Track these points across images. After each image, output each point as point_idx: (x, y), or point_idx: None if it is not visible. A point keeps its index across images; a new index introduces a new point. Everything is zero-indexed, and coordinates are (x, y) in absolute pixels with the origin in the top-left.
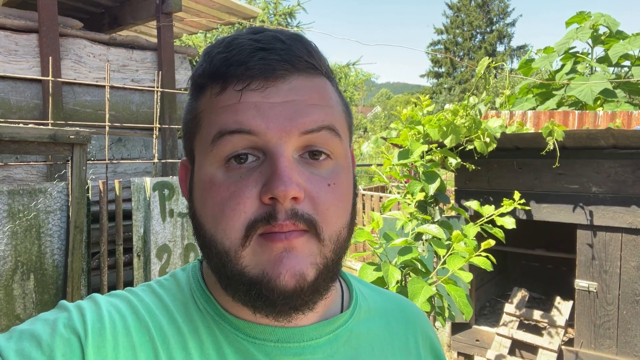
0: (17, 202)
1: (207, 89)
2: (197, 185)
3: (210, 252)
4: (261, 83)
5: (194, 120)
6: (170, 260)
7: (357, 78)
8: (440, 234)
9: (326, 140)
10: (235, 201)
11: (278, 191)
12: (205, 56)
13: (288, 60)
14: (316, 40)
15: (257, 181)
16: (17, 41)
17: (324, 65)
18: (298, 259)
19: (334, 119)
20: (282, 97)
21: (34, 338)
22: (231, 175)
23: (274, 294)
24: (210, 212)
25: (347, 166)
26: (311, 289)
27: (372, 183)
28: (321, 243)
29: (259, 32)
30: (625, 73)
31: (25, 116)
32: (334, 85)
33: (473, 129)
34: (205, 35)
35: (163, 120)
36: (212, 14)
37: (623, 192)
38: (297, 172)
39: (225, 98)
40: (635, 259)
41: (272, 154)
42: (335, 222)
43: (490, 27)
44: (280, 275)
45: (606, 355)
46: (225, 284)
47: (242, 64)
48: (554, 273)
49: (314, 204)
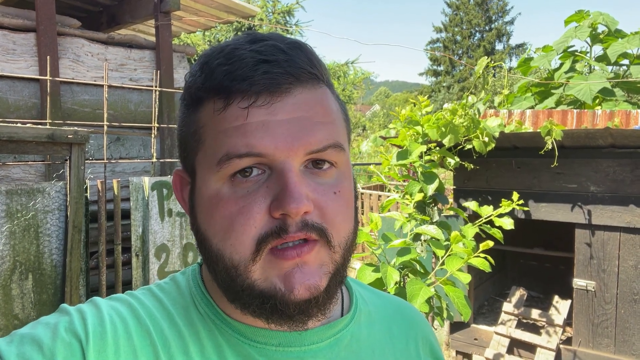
0: (15, 202)
1: (207, 102)
2: (202, 200)
3: (217, 267)
4: (267, 99)
5: (194, 135)
6: (169, 259)
7: (356, 77)
8: (438, 234)
9: (331, 156)
10: (245, 217)
11: (290, 208)
12: (202, 66)
13: (292, 73)
14: (315, 39)
15: (266, 196)
16: (15, 40)
17: (324, 73)
18: (311, 272)
19: (337, 134)
20: (288, 114)
21: (35, 342)
22: (238, 189)
23: (290, 307)
24: (219, 228)
25: (348, 172)
26: (325, 298)
27: (370, 182)
28: (332, 250)
29: (259, 42)
30: (624, 72)
31: (23, 115)
32: (333, 93)
33: (472, 128)
34: (203, 33)
35: (161, 119)
36: (211, 13)
37: (621, 191)
38: (305, 185)
39: (230, 117)
40: (633, 258)
41: (280, 170)
42: (344, 229)
43: (489, 26)
44: (295, 290)
45: (604, 354)
46: (233, 298)
47: (246, 78)
48: (552, 272)
49: (323, 213)
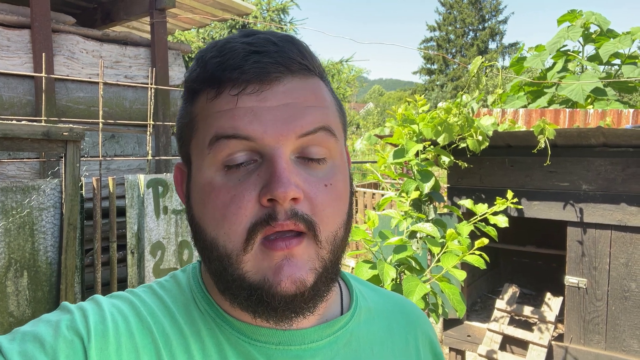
0: (10, 199)
1: (202, 94)
2: (196, 188)
3: (211, 255)
4: (256, 87)
5: (189, 125)
6: (164, 257)
7: (349, 74)
8: (434, 232)
9: (323, 140)
10: (237, 205)
11: (277, 192)
12: (198, 61)
13: (282, 63)
14: (309, 37)
15: (256, 184)
16: (9, 37)
17: (317, 66)
18: (298, 266)
19: (329, 119)
20: (278, 101)
21: (37, 340)
22: (230, 178)
23: (275, 299)
24: (212, 216)
25: (343, 165)
26: (311, 294)
27: (365, 179)
28: (319, 245)
29: (251, 35)
30: (616, 71)
31: (17, 113)
32: (327, 86)
33: (466, 127)
34: (197, 31)
35: (157, 116)
36: (206, 10)
37: (613, 189)
38: (295, 174)
39: (221, 103)
40: (624, 256)
41: (270, 157)
42: (332, 223)
43: (482, 25)
44: (281, 282)
45: (595, 350)
46: (224, 288)
47: (236, 68)
48: (545, 269)
49: (312, 204)
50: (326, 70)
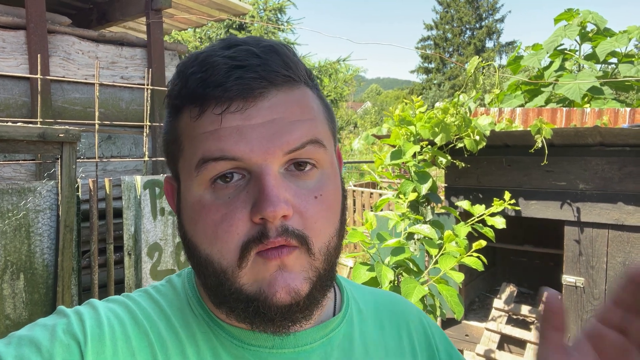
0: (6, 202)
1: (184, 110)
2: (186, 205)
3: (206, 271)
4: (240, 104)
5: (175, 143)
6: (162, 258)
7: (347, 73)
8: (432, 234)
9: (311, 153)
10: (228, 223)
11: (267, 212)
12: (179, 74)
13: (265, 77)
14: (306, 37)
15: (246, 201)
16: (4, 38)
17: (302, 74)
18: (292, 276)
19: (317, 130)
20: (263, 117)
21: (34, 344)
22: (219, 195)
23: (272, 311)
24: (203, 234)
25: (333, 173)
26: (307, 303)
27: (362, 179)
28: (312, 257)
29: (233, 47)
30: (612, 70)
31: (13, 114)
32: (314, 92)
33: (463, 127)
34: (194, 30)
35: (153, 117)
36: (202, 11)
37: (610, 189)
38: (284, 188)
39: (205, 123)
40: (621, 255)
41: (258, 175)
42: (325, 234)
43: (479, 23)
44: (277, 293)
45: None
46: (221, 302)
47: (218, 85)
48: (542, 268)
49: (303, 218)
50: (323, 70)
